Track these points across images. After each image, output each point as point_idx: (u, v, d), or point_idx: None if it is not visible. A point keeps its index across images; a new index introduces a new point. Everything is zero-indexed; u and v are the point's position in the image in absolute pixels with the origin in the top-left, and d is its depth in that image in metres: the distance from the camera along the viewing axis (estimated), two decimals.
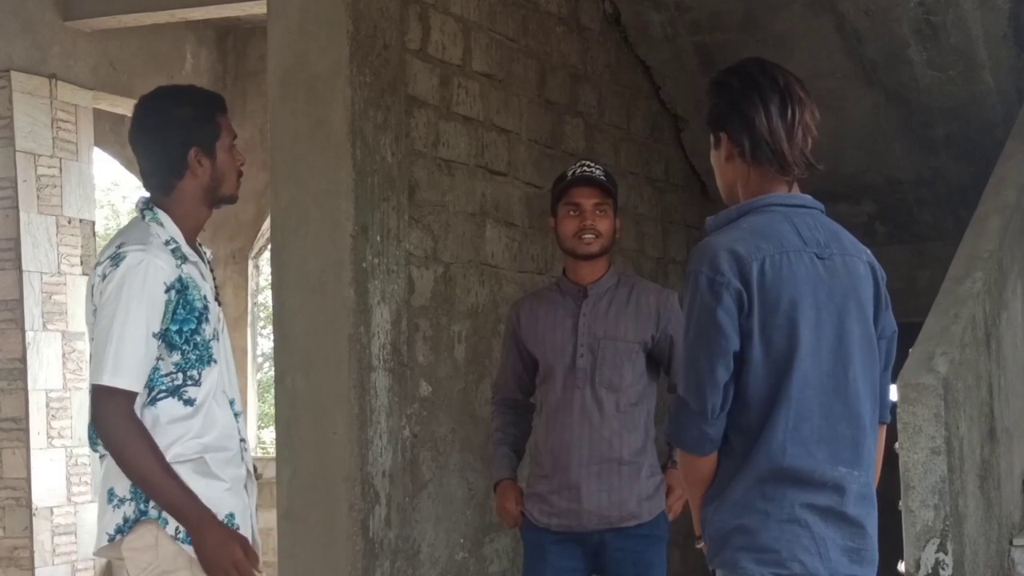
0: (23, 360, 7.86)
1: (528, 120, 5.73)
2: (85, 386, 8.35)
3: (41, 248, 8.00)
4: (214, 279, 3.09)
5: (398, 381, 4.69)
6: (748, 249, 2.54)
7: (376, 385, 4.58)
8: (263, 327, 13.71)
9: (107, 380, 2.79)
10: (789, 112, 2.63)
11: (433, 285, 4.98)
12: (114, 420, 2.79)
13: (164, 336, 2.86)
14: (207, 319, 2.93)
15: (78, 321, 8.19)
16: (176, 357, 2.88)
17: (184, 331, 2.88)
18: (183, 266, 2.92)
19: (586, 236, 3.81)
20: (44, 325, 7.98)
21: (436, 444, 4.95)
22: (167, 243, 2.92)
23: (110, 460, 2.87)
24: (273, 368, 4.82)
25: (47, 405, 7.98)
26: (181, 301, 2.88)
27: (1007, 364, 4.90)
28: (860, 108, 6.77)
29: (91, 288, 2.92)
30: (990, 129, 6.57)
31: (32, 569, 7.84)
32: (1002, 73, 6.58)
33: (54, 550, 7.99)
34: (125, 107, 9.23)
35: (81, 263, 8.27)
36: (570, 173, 3.91)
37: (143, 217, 2.98)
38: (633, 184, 6.74)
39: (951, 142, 6.87)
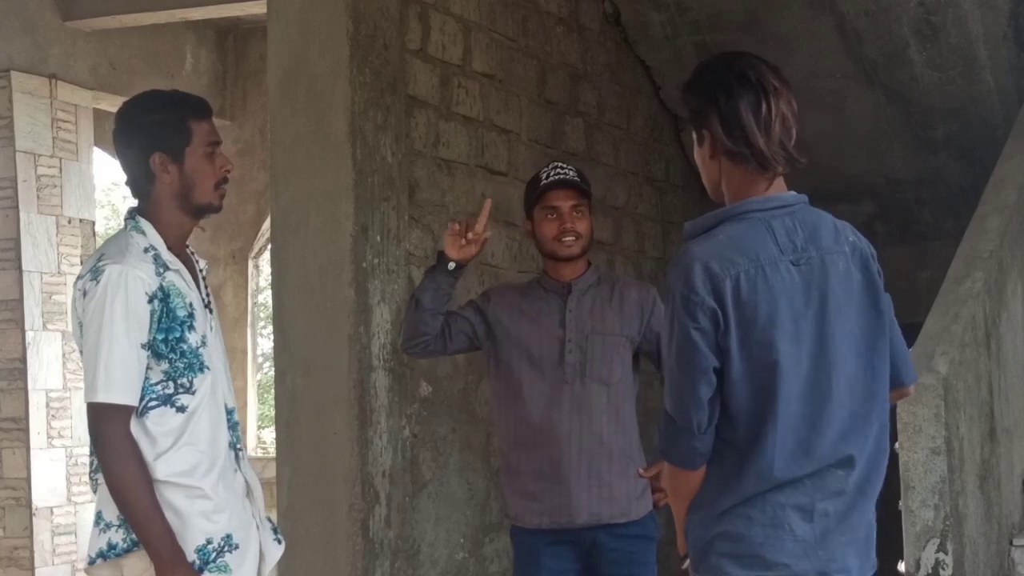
0: (23, 360, 7.86)
1: (528, 120, 5.73)
2: None
3: (41, 248, 8.00)
4: (206, 287, 3.06)
5: (398, 381, 4.69)
6: (722, 264, 2.51)
7: (376, 385, 4.58)
8: (263, 327, 13.71)
9: (101, 397, 2.78)
10: (764, 107, 2.58)
11: None
12: (110, 439, 2.78)
13: (151, 346, 2.84)
14: (192, 327, 2.90)
15: None
16: (164, 366, 2.86)
17: (169, 340, 2.85)
18: (165, 274, 2.89)
19: (566, 239, 3.83)
20: (44, 325, 7.98)
21: (436, 444, 4.95)
22: (146, 251, 2.89)
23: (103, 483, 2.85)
24: (273, 368, 4.82)
25: (47, 405, 7.98)
26: (164, 310, 2.85)
27: (1007, 364, 4.90)
28: (860, 108, 6.77)
29: (73, 303, 2.90)
30: (990, 129, 6.57)
31: (32, 569, 7.84)
32: (1002, 73, 6.59)
33: (54, 550, 7.99)
34: None
35: (81, 263, 8.27)
36: (544, 176, 3.90)
37: (126, 227, 2.96)
38: (633, 184, 6.74)
39: (951, 142, 6.87)
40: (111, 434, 2.78)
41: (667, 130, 7.12)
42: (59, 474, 8.04)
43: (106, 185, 20.94)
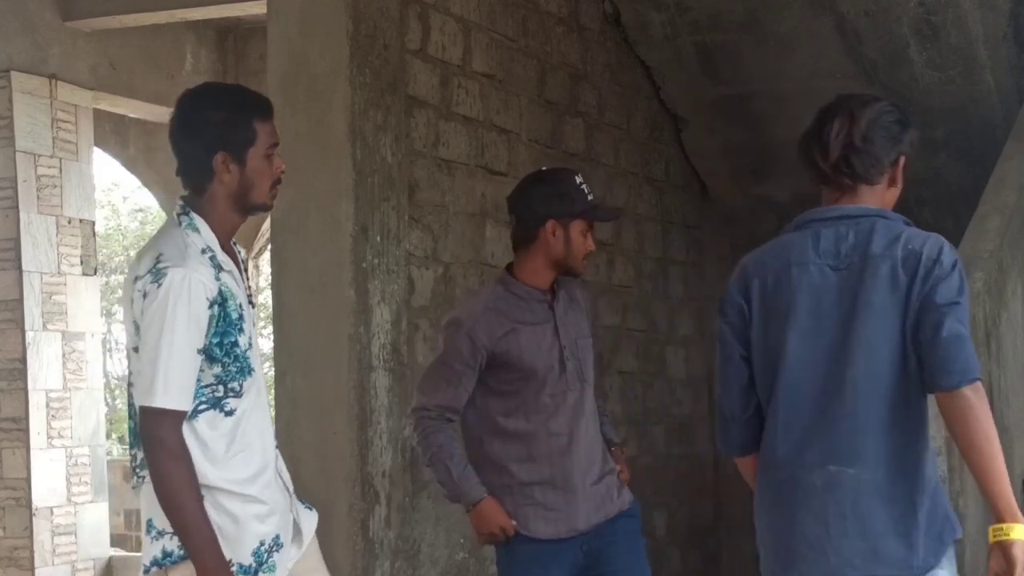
0: (23, 360, 7.86)
1: (528, 120, 5.73)
2: (85, 386, 8.42)
3: (41, 248, 8.00)
4: (247, 280, 3.03)
5: (398, 381, 4.69)
6: (756, 267, 2.81)
7: (376, 385, 4.58)
8: (263, 327, 13.71)
9: (159, 402, 2.75)
10: (825, 130, 2.79)
11: (433, 285, 4.98)
12: (166, 443, 2.76)
13: (206, 350, 2.82)
14: (242, 329, 2.89)
15: (78, 321, 8.19)
16: (217, 369, 2.84)
17: (225, 343, 2.84)
18: (220, 275, 2.86)
19: (585, 260, 3.86)
20: (44, 325, 7.98)
21: None
22: (203, 251, 2.87)
23: (148, 488, 2.83)
24: (273, 368, 4.82)
25: (47, 405, 7.98)
26: (222, 314, 2.83)
27: (1007, 364, 4.90)
28: None
29: (129, 301, 2.85)
30: (990, 129, 6.57)
31: (32, 569, 7.84)
32: (1002, 73, 6.59)
33: (54, 550, 7.99)
34: (125, 107, 9.24)
35: (81, 263, 8.27)
36: (589, 192, 3.81)
37: (179, 223, 2.91)
38: (633, 184, 6.74)
39: (951, 142, 6.87)
40: (167, 439, 2.76)
41: (667, 130, 7.12)
42: (59, 474, 8.04)
43: (106, 185, 20.96)
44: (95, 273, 8.52)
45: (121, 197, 21.83)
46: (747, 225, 7.38)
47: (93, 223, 8.53)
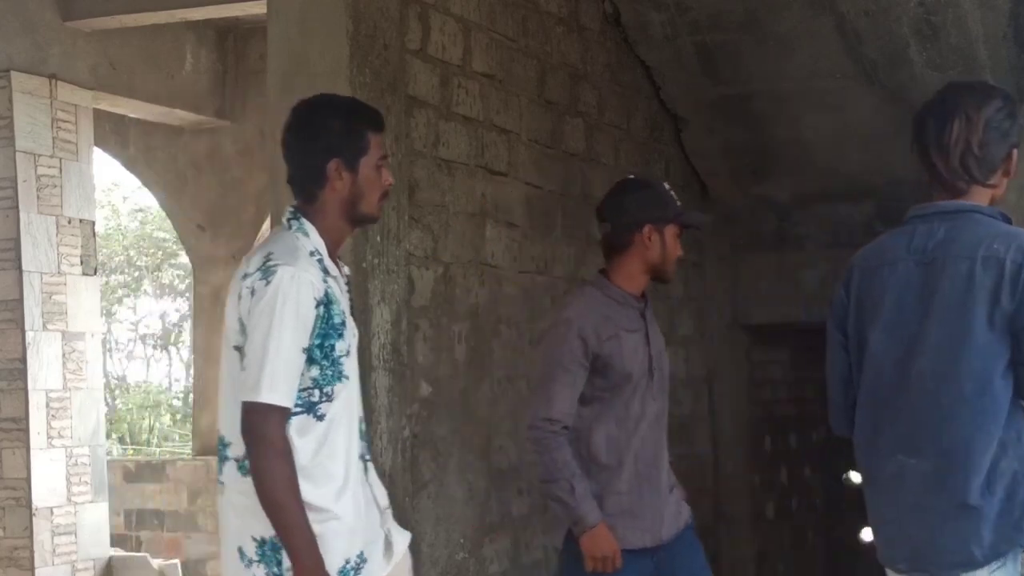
0: (23, 360, 7.87)
1: (528, 120, 5.73)
2: (85, 386, 8.41)
3: (41, 248, 8.00)
4: (350, 294, 3.07)
5: (398, 381, 4.69)
6: (860, 263, 2.95)
7: (376, 385, 4.58)
8: None
9: (265, 397, 2.76)
10: (945, 132, 2.86)
11: (433, 285, 4.98)
12: (271, 438, 2.76)
13: (307, 350, 2.84)
14: (342, 335, 2.91)
15: (78, 321, 8.19)
16: (315, 372, 2.86)
17: (325, 346, 2.86)
18: (327, 279, 2.89)
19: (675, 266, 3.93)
20: (44, 325, 7.99)
21: (436, 444, 4.95)
22: (312, 254, 2.90)
23: (239, 506, 2.84)
24: None
25: (47, 405, 7.98)
26: (326, 315, 2.86)
27: None
28: (860, 108, 6.77)
29: (236, 298, 2.87)
30: None
31: (32, 569, 7.85)
32: (1002, 73, 6.58)
33: (54, 550, 8.00)
34: (125, 107, 9.25)
35: (81, 263, 8.28)
36: (677, 199, 3.92)
37: (289, 226, 2.96)
38: None
39: None
40: (273, 435, 2.77)
41: (667, 130, 7.12)
42: (59, 474, 8.05)
43: (106, 185, 20.96)
44: (95, 273, 8.53)
45: (121, 197, 21.85)
46: (747, 225, 7.38)
47: (93, 223, 8.53)
